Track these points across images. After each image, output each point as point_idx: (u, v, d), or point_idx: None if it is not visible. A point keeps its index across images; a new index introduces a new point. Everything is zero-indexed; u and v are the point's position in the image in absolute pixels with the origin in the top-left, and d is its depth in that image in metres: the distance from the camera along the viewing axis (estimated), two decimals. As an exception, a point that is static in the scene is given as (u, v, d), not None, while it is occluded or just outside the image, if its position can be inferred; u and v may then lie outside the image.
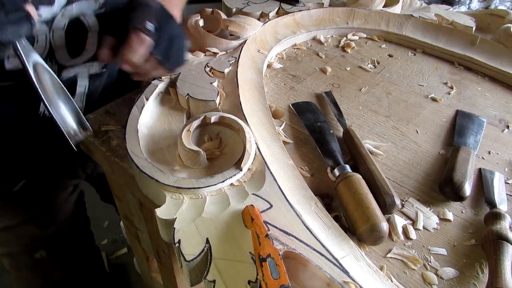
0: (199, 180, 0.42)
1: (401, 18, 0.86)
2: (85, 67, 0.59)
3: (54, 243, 0.74)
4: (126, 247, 1.45)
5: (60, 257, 0.77)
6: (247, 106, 0.55)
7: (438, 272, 0.41)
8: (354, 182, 0.45)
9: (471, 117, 0.63)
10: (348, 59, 0.77)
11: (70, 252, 0.79)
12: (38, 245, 0.73)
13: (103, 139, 0.54)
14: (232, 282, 0.34)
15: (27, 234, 0.70)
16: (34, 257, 0.72)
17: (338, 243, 0.40)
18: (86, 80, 0.61)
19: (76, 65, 0.57)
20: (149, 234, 0.68)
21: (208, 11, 0.74)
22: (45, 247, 0.73)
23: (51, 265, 0.75)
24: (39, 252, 0.72)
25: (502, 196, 0.49)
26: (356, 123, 0.61)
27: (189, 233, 0.37)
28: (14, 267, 0.75)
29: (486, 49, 0.78)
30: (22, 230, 0.70)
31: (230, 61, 0.63)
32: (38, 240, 0.72)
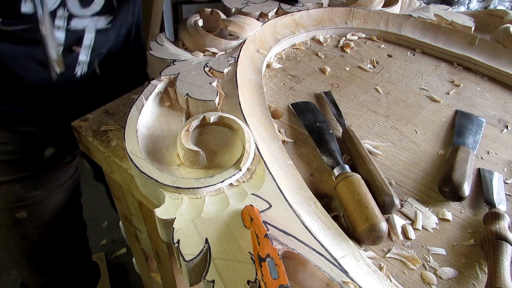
0: (198, 180, 0.42)
1: (400, 18, 0.86)
2: (92, 21, 0.63)
3: (36, 207, 0.77)
4: (125, 247, 1.45)
5: (40, 221, 0.79)
6: (246, 106, 0.55)
7: (437, 272, 0.41)
8: (353, 182, 0.45)
9: (470, 117, 0.63)
10: (347, 59, 0.77)
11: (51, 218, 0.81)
12: (21, 206, 0.75)
13: (102, 139, 0.54)
14: (231, 282, 0.34)
15: (13, 193, 0.73)
16: (15, 216, 0.75)
17: (337, 243, 0.40)
18: (92, 34, 0.65)
19: (85, 17, 0.62)
20: (149, 234, 0.68)
21: (207, 11, 0.74)
22: (27, 209, 0.76)
23: (30, 226, 0.78)
24: (21, 212, 0.75)
25: (501, 196, 0.49)
26: (355, 123, 0.61)
27: (188, 233, 0.37)
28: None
29: (485, 49, 0.78)
30: (9, 188, 0.73)
31: (229, 61, 0.62)
32: (21, 201, 0.75)
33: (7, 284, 1.33)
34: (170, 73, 0.57)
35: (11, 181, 0.72)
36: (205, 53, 0.65)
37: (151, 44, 0.64)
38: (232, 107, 0.53)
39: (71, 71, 0.68)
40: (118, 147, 0.53)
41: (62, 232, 0.87)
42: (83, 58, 0.68)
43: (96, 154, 0.57)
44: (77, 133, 0.58)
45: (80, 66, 0.69)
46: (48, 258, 0.87)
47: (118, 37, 0.73)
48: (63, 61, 0.62)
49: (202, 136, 0.50)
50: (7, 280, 1.34)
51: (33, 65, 0.63)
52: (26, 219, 0.77)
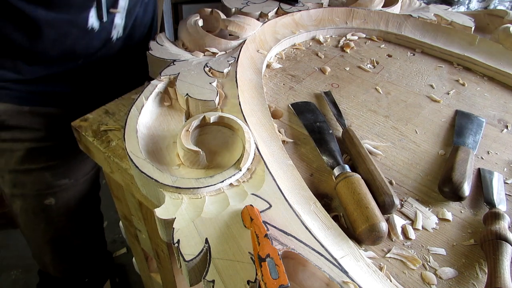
0: (199, 180, 0.42)
1: (400, 18, 0.86)
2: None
3: (63, 194, 0.80)
4: (125, 247, 1.45)
5: (66, 208, 0.83)
6: (246, 106, 0.55)
7: (437, 272, 0.41)
8: (353, 182, 0.45)
9: (470, 117, 0.63)
10: (347, 59, 0.77)
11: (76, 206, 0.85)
12: (49, 193, 0.78)
13: (102, 139, 0.54)
14: (231, 282, 0.34)
15: (42, 181, 0.76)
16: (44, 203, 0.79)
17: (338, 243, 0.40)
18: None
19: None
20: (149, 234, 0.68)
21: (207, 11, 0.74)
22: (55, 196, 0.79)
23: (57, 212, 0.82)
24: (49, 199, 0.79)
25: (501, 196, 0.49)
26: (355, 123, 0.61)
27: (188, 233, 0.37)
28: (23, 209, 0.80)
29: (485, 49, 0.78)
30: (39, 176, 0.76)
31: (229, 61, 0.63)
32: (50, 188, 0.78)
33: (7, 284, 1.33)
34: (170, 73, 0.57)
35: (41, 169, 0.75)
36: (205, 53, 0.65)
37: (151, 44, 0.64)
38: (232, 107, 0.53)
39: (108, 34, 0.71)
40: (118, 147, 0.53)
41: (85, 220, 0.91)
42: (118, 21, 0.71)
43: (96, 154, 0.57)
44: (77, 133, 0.58)
45: (115, 29, 0.72)
46: (71, 245, 0.91)
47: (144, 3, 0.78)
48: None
49: (202, 136, 0.50)
50: (7, 280, 1.34)
51: (75, 32, 0.65)
52: (53, 206, 0.80)
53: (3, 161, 0.74)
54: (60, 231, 0.86)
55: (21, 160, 0.73)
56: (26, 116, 0.71)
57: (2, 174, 0.76)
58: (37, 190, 0.77)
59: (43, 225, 0.83)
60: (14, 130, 0.71)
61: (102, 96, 0.65)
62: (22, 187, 0.77)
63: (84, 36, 0.67)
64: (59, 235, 0.87)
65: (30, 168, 0.74)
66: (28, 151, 0.72)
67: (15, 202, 0.80)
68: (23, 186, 0.77)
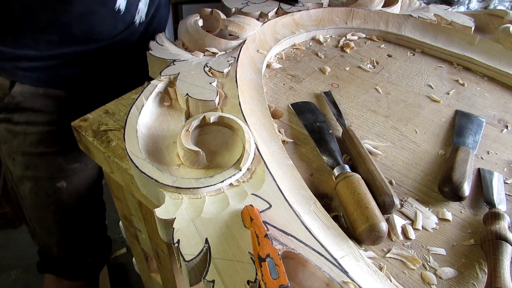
0: (198, 180, 0.42)
1: (400, 18, 0.86)
2: None
3: (74, 178, 0.83)
4: (125, 247, 1.45)
5: (77, 191, 0.86)
6: (246, 106, 0.55)
7: (437, 272, 0.41)
8: (353, 182, 0.45)
9: (470, 117, 0.63)
10: (347, 59, 0.77)
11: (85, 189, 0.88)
12: (61, 176, 0.81)
13: (102, 139, 0.54)
14: (231, 282, 0.34)
15: (56, 164, 0.79)
16: (56, 185, 0.81)
17: (337, 243, 0.40)
18: None
19: None
20: (148, 234, 0.68)
21: (207, 11, 0.74)
22: (66, 179, 0.82)
23: (67, 195, 0.84)
24: (61, 182, 0.82)
25: (501, 196, 0.49)
26: (355, 123, 0.61)
27: (188, 233, 0.37)
28: (33, 191, 0.82)
29: (485, 49, 0.78)
30: (53, 159, 0.78)
31: (229, 61, 0.62)
32: (62, 171, 0.80)
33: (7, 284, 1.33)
34: (170, 73, 0.57)
35: (55, 153, 0.78)
36: (205, 53, 0.65)
37: (151, 44, 0.64)
38: (232, 107, 0.53)
39: (131, 17, 0.73)
40: (118, 147, 0.53)
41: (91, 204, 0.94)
42: (141, 7, 0.74)
43: (96, 154, 0.57)
44: (77, 133, 0.58)
45: (139, 14, 0.74)
46: (78, 226, 0.93)
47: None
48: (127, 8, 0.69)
49: (202, 136, 0.50)
50: (7, 280, 1.34)
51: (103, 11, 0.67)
52: (64, 188, 0.82)
53: (15, 144, 0.75)
54: (69, 213, 0.88)
55: (36, 143, 0.75)
56: (40, 98, 0.72)
57: (14, 156, 0.78)
58: (50, 173, 0.79)
59: (53, 207, 0.85)
60: (28, 112, 0.73)
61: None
62: (35, 170, 0.79)
63: (110, 16, 0.69)
64: (68, 217, 0.89)
65: (45, 152, 0.76)
66: (42, 134, 0.74)
67: (24, 184, 0.81)
68: (36, 169, 0.79)
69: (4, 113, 0.73)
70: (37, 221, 0.91)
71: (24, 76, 0.69)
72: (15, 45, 0.66)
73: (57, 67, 0.71)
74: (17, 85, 0.70)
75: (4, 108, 0.72)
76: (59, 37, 0.68)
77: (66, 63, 0.72)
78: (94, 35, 0.70)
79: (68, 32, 0.67)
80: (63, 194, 0.83)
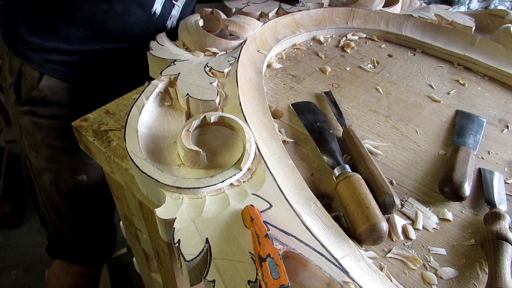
0: (199, 180, 0.42)
1: (401, 18, 0.86)
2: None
3: (93, 171, 0.85)
4: (125, 247, 1.45)
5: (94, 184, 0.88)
6: (246, 106, 0.55)
7: (438, 272, 0.41)
8: (353, 182, 0.45)
9: (471, 117, 0.63)
10: (347, 59, 0.77)
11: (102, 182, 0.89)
12: (82, 170, 0.84)
13: (103, 139, 0.54)
14: (232, 282, 0.34)
15: (78, 158, 0.81)
16: (77, 179, 0.84)
17: (338, 243, 0.40)
18: None
19: None
20: (149, 234, 0.68)
21: (207, 11, 0.74)
22: (87, 173, 0.85)
23: (86, 187, 0.87)
24: (81, 176, 0.84)
25: (501, 196, 0.49)
26: (355, 123, 0.61)
27: (189, 233, 0.37)
28: (54, 184, 0.85)
29: (485, 49, 0.78)
30: (75, 154, 0.80)
31: (229, 61, 0.62)
32: (84, 165, 0.83)
33: (7, 284, 1.33)
34: (170, 73, 0.57)
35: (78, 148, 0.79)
36: (205, 53, 0.65)
37: (152, 44, 0.64)
38: (233, 107, 0.53)
39: (164, 21, 0.75)
40: (118, 147, 0.53)
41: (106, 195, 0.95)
42: (174, 13, 0.76)
43: (96, 154, 0.57)
44: (77, 133, 0.58)
45: (171, 20, 0.76)
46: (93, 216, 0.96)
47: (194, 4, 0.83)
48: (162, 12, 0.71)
49: (203, 136, 0.50)
50: (7, 280, 1.34)
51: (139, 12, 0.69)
52: (84, 181, 0.85)
53: (40, 136, 0.77)
54: (86, 204, 0.91)
55: (61, 138, 0.77)
56: (66, 92, 0.73)
57: (37, 148, 0.79)
58: (72, 166, 0.82)
59: (71, 198, 0.87)
60: (53, 107, 0.74)
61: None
62: (58, 163, 0.81)
63: (145, 18, 0.70)
64: (84, 207, 0.91)
65: (69, 147, 0.77)
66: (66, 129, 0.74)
67: (44, 175, 0.83)
68: (59, 162, 0.81)
69: (29, 106, 0.74)
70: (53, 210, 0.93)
71: (53, 69, 0.70)
72: (47, 37, 0.67)
73: (86, 63, 0.72)
74: (45, 78, 0.71)
75: (30, 100, 0.73)
76: (92, 33, 0.69)
77: (96, 59, 0.73)
78: (126, 34, 0.71)
79: (102, 29, 0.69)
80: (83, 187, 0.86)
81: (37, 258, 1.38)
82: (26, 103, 0.74)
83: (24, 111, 0.75)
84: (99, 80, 0.76)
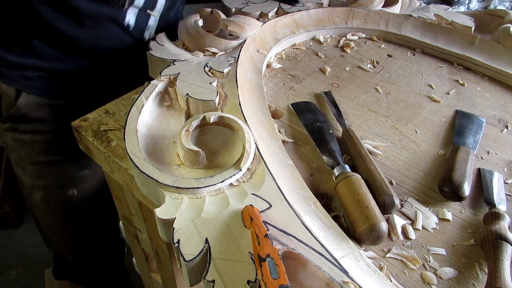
0: (199, 180, 0.42)
1: (400, 18, 0.86)
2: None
3: (84, 185, 0.82)
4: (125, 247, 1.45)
5: (87, 198, 0.85)
6: (246, 106, 0.55)
7: (437, 272, 0.41)
8: (353, 182, 0.45)
9: (470, 117, 0.63)
10: (347, 59, 0.77)
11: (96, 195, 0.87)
12: (72, 184, 0.80)
13: (102, 139, 0.54)
14: (232, 282, 0.34)
15: (65, 172, 0.79)
16: (67, 194, 0.81)
17: (338, 243, 0.40)
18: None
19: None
20: (148, 234, 0.68)
21: (207, 11, 0.74)
22: (77, 187, 0.82)
23: (79, 202, 0.84)
24: (71, 190, 0.81)
25: (501, 196, 0.49)
26: (355, 123, 0.61)
27: (189, 233, 0.37)
28: (45, 200, 0.82)
29: (485, 49, 0.78)
30: (62, 167, 0.78)
31: (229, 61, 0.62)
32: (72, 179, 0.80)
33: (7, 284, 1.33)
34: (170, 73, 0.57)
35: (63, 161, 0.77)
36: (205, 53, 0.65)
37: (151, 44, 0.64)
38: (232, 107, 0.53)
39: (141, 33, 0.73)
40: (118, 147, 0.53)
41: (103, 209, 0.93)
42: (152, 23, 0.74)
43: (96, 154, 0.57)
44: (77, 133, 0.58)
45: (148, 31, 0.75)
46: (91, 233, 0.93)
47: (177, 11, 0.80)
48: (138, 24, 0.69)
49: (202, 136, 0.50)
50: (7, 280, 1.34)
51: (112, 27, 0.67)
52: (75, 196, 0.82)
53: (24, 153, 0.75)
54: (81, 221, 0.88)
55: (44, 152, 0.74)
56: (45, 108, 0.72)
57: (22, 165, 0.77)
58: (60, 181, 0.79)
59: (64, 215, 0.85)
60: (34, 122, 0.72)
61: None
62: (45, 178, 0.79)
63: (118, 32, 0.69)
64: (80, 225, 0.89)
65: (54, 160, 0.76)
66: (49, 143, 0.74)
67: (35, 193, 0.81)
68: (46, 177, 0.78)
69: (10, 123, 0.73)
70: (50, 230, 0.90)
71: (30, 86, 0.69)
72: (23, 54, 0.66)
73: (64, 79, 0.71)
74: (23, 95, 0.69)
75: (10, 117, 0.72)
76: (67, 50, 0.67)
77: (73, 75, 0.71)
78: (102, 49, 0.70)
79: (77, 46, 0.67)
80: (75, 202, 0.83)
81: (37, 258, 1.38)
82: (7, 120, 0.73)
83: (7, 128, 0.74)
84: (79, 94, 0.74)
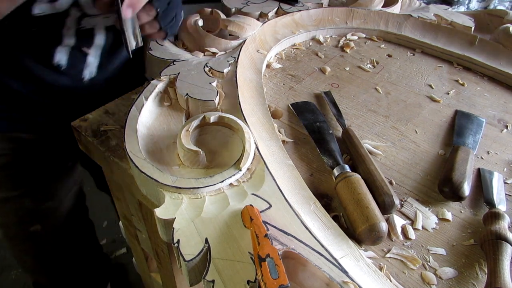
0: (198, 180, 0.42)
1: (400, 18, 0.86)
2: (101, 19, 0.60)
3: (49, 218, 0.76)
4: (125, 247, 1.45)
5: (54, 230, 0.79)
6: (246, 106, 0.55)
7: (437, 272, 0.41)
8: (353, 182, 0.45)
9: (470, 117, 0.63)
10: (347, 59, 0.77)
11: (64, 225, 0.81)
12: (34, 219, 0.74)
13: (102, 139, 0.54)
14: (231, 282, 0.34)
15: (24, 207, 0.72)
16: (29, 230, 0.74)
17: (337, 243, 0.40)
18: (103, 33, 0.63)
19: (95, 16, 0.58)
20: (148, 234, 0.68)
21: (207, 11, 0.74)
22: (41, 222, 0.75)
23: (45, 237, 0.77)
24: (35, 226, 0.75)
25: (501, 196, 0.49)
26: (355, 123, 0.61)
27: (188, 233, 0.37)
28: (8, 237, 0.77)
29: (485, 49, 0.78)
30: (19, 203, 0.71)
31: (229, 61, 0.62)
32: (34, 214, 0.74)
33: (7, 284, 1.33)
34: (170, 73, 0.57)
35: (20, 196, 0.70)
36: (205, 53, 0.65)
37: (151, 44, 0.64)
38: (232, 107, 0.53)
39: (79, 73, 0.65)
40: (118, 147, 0.53)
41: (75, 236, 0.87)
42: (91, 60, 0.65)
43: (96, 154, 0.57)
44: (77, 133, 0.58)
45: (88, 69, 0.66)
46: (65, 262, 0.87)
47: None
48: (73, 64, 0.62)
49: (202, 136, 0.50)
50: (7, 280, 1.34)
51: (40, 67, 0.62)
52: (40, 231, 0.76)
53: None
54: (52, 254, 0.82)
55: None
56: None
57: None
58: (20, 217, 0.73)
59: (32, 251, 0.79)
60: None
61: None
62: (3, 216, 0.73)
63: (48, 72, 0.62)
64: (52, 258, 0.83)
65: (8, 196, 0.70)
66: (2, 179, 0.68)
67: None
68: (4, 215, 0.73)
69: None
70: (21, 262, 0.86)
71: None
72: None
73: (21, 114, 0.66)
74: None
75: None
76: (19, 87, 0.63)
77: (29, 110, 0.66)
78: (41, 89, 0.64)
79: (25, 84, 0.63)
80: (41, 237, 0.77)
81: (36, 258, 1.38)
82: None
83: None
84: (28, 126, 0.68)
